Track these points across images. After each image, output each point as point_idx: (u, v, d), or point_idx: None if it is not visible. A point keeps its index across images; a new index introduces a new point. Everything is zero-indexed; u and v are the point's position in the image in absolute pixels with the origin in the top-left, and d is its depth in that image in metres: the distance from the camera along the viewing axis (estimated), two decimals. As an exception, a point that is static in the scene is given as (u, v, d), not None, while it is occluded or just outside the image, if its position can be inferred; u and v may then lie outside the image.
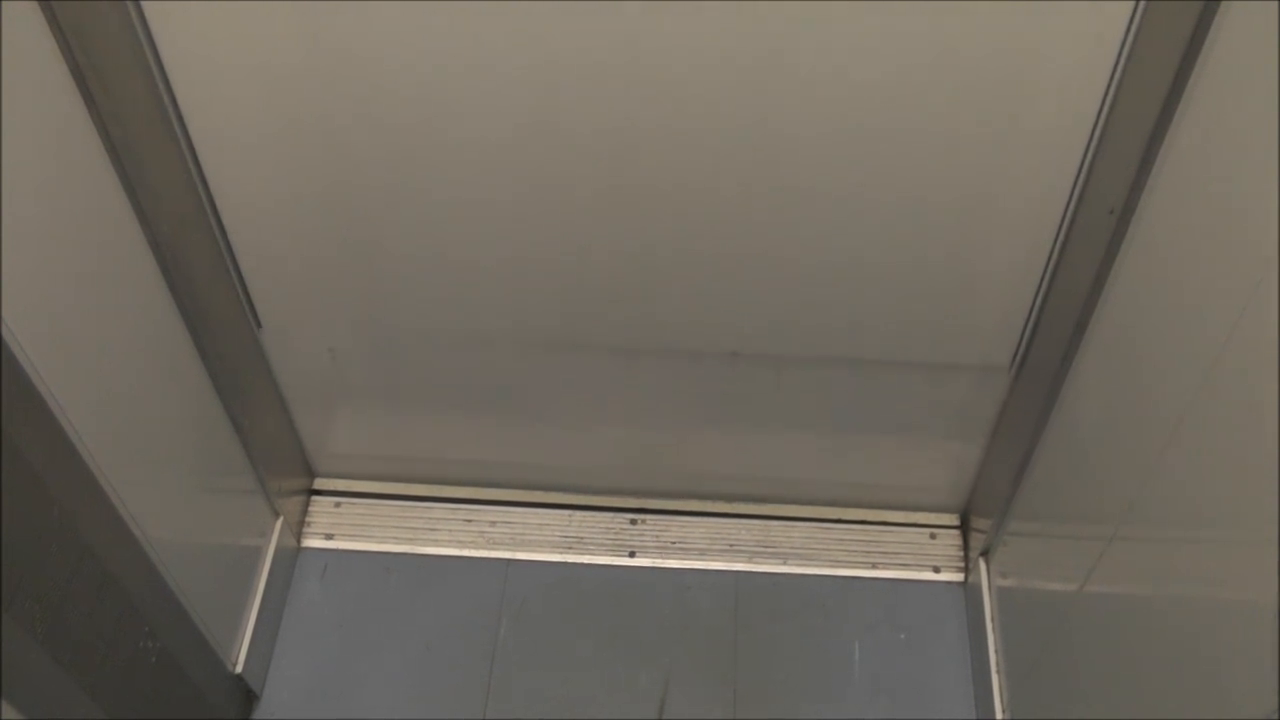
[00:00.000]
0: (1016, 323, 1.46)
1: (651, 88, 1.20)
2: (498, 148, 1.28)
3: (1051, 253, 1.34)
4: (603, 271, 1.44)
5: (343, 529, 1.86)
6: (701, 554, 1.82)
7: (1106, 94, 1.16)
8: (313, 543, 1.84)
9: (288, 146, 1.29)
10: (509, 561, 1.82)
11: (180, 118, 1.25)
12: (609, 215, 1.36)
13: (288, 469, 1.79)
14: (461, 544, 1.84)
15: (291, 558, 1.81)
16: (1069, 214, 1.28)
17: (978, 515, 1.76)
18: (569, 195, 1.33)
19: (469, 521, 1.86)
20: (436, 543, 1.84)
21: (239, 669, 1.60)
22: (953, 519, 1.86)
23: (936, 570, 1.81)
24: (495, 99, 1.22)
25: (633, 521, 1.85)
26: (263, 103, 1.24)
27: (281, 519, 1.74)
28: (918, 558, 1.82)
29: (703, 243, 1.39)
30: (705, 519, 1.85)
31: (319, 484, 1.90)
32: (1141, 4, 1.07)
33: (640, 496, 1.86)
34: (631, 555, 1.82)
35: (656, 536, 1.84)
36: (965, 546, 1.82)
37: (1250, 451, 0.91)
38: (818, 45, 1.15)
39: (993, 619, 1.66)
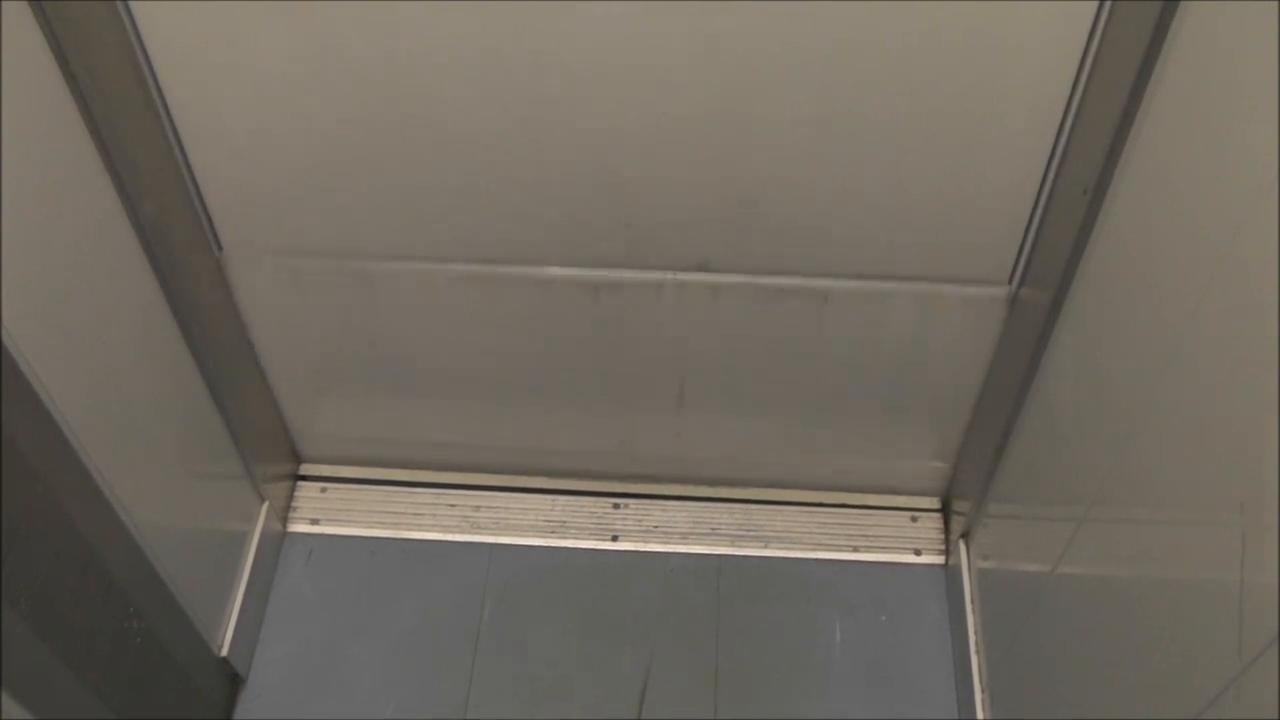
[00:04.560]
0: (995, 300, 1.48)
1: (637, 75, 1.21)
2: (484, 133, 1.29)
3: (1026, 232, 1.36)
4: (593, 245, 1.45)
5: (328, 514, 1.87)
6: (684, 538, 1.84)
7: (1079, 75, 1.18)
8: (298, 527, 1.85)
9: (267, 121, 1.30)
10: (493, 546, 1.83)
11: (164, 101, 1.27)
12: (597, 190, 1.37)
13: (274, 454, 1.80)
14: (446, 529, 1.85)
15: (277, 542, 1.82)
16: (1043, 194, 1.30)
17: (958, 498, 1.78)
18: (553, 172, 1.34)
19: (453, 506, 1.87)
20: (421, 527, 1.85)
21: (224, 652, 1.62)
22: (934, 502, 1.87)
23: (918, 553, 1.83)
24: (487, 86, 1.23)
25: (615, 506, 1.87)
26: (243, 84, 1.25)
27: (267, 504, 1.75)
28: (899, 541, 1.84)
29: (689, 207, 1.40)
30: (687, 503, 1.87)
31: (305, 469, 1.92)
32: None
33: (623, 481, 1.88)
34: (614, 539, 1.84)
35: (639, 521, 1.85)
36: (946, 529, 1.84)
37: (1214, 433, 0.92)
38: (797, 28, 1.16)
39: (972, 600, 1.67)
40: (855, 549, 1.83)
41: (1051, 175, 1.28)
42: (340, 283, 1.53)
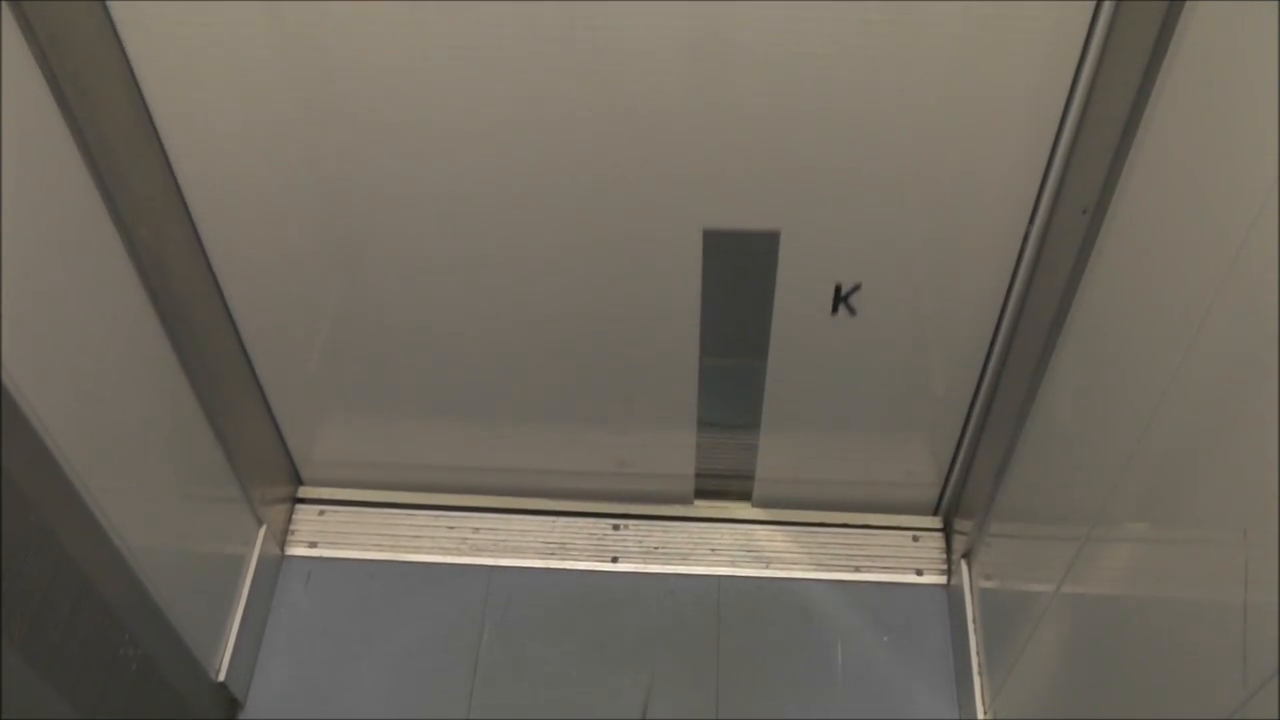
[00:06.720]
0: (992, 324, 1.47)
1: (630, 77, 1.21)
2: (479, 143, 1.29)
3: (1025, 252, 1.35)
4: (587, 265, 1.44)
5: (327, 537, 1.86)
6: (684, 559, 1.83)
7: (1078, 94, 1.17)
8: (297, 551, 1.85)
9: (263, 146, 1.30)
10: (492, 568, 1.82)
11: (153, 120, 1.26)
12: (591, 207, 1.36)
13: (272, 477, 1.79)
14: (445, 551, 1.84)
15: (275, 566, 1.81)
16: (1043, 213, 1.30)
17: (960, 517, 1.77)
18: (549, 189, 1.34)
19: (452, 529, 1.86)
20: (420, 550, 1.84)
21: (222, 677, 1.60)
22: (935, 522, 1.86)
23: (919, 573, 1.82)
24: (477, 92, 1.23)
25: (615, 527, 1.86)
26: (235, 102, 1.25)
27: (265, 527, 1.74)
28: (900, 561, 1.83)
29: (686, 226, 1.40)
30: (687, 524, 1.86)
31: (303, 492, 1.91)
32: (1108, 4, 1.08)
33: (622, 502, 1.87)
34: (614, 561, 1.83)
35: (639, 542, 1.84)
36: (948, 549, 1.83)
37: (1216, 455, 0.91)
38: (793, 37, 1.16)
39: (974, 620, 1.66)
40: (857, 569, 1.82)
41: (1049, 195, 1.28)
42: (340, 301, 1.52)
